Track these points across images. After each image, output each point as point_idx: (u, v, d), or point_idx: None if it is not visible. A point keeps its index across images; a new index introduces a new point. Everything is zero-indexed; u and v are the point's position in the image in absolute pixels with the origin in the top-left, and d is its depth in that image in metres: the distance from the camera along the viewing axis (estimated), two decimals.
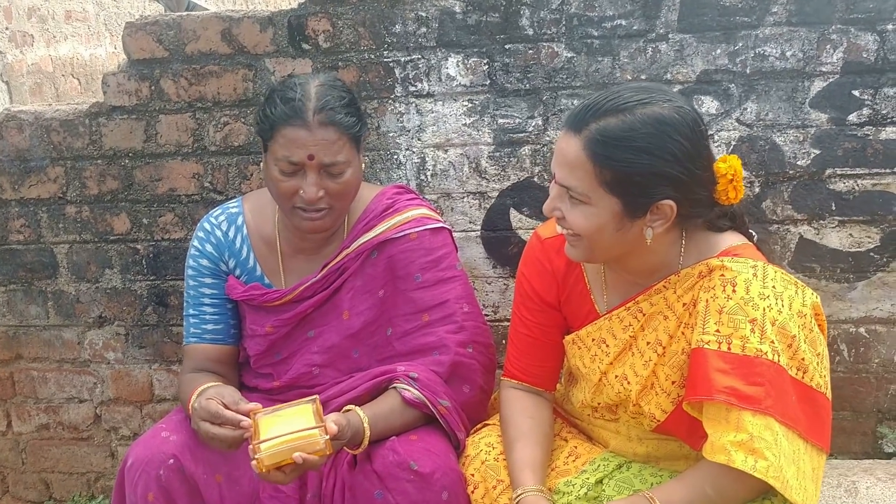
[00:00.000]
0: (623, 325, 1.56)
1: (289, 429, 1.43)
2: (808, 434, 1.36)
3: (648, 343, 1.52)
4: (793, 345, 1.36)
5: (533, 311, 1.71)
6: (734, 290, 1.38)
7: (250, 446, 1.44)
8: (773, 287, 1.38)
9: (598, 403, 1.62)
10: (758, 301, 1.36)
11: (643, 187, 1.37)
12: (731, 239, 1.50)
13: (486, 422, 1.80)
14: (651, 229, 1.41)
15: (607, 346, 1.58)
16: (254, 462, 1.42)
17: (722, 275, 1.40)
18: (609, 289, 1.62)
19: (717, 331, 1.37)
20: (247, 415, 1.51)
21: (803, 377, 1.37)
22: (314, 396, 1.54)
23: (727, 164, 1.42)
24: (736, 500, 1.39)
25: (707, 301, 1.40)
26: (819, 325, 1.42)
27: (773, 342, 1.34)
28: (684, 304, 1.47)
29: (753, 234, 1.58)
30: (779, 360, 1.34)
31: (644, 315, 1.53)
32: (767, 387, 1.32)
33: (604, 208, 1.39)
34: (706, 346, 1.37)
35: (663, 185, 1.36)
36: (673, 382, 1.48)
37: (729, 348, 1.35)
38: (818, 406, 1.39)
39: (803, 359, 1.37)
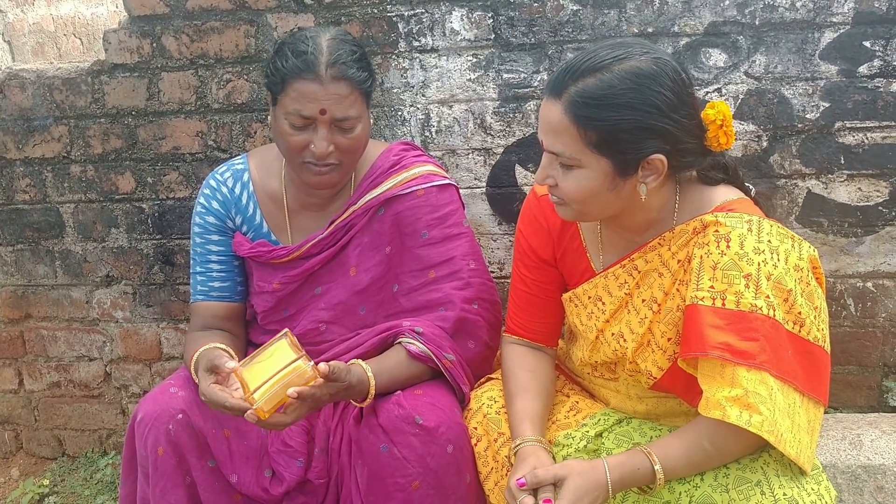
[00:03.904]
0: (619, 283, 1.55)
1: (273, 369, 1.45)
2: (805, 387, 1.37)
3: (644, 300, 1.52)
4: (789, 299, 1.36)
5: (531, 269, 1.71)
6: (728, 246, 1.37)
7: (244, 400, 1.45)
8: (769, 241, 1.37)
9: (596, 361, 1.63)
10: (752, 256, 1.35)
11: (630, 144, 1.35)
12: (727, 193, 1.49)
13: (490, 376, 1.82)
14: (644, 185, 1.40)
15: (603, 303, 1.58)
16: (252, 414, 1.43)
17: (716, 230, 1.40)
18: (605, 246, 1.61)
19: (712, 287, 1.36)
20: (230, 374, 1.52)
21: (800, 331, 1.37)
22: (284, 330, 1.54)
23: (715, 111, 1.40)
24: (734, 454, 1.40)
25: (701, 257, 1.39)
26: (817, 279, 1.42)
27: (768, 297, 1.34)
28: (679, 261, 1.46)
29: (750, 187, 1.57)
30: (774, 315, 1.34)
31: (639, 272, 1.52)
32: (762, 342, 1.32)
33: (595, 170, 1.38)
34: (700, 302, 1.37)
35: (650, 138, 1.35)
36: (669, 339, 1.48)
37: (723, 304, 1.35)
38: (816, 360, 1.39)
39: (800, 312, 1.37)
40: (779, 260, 1.36)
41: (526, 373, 1.67)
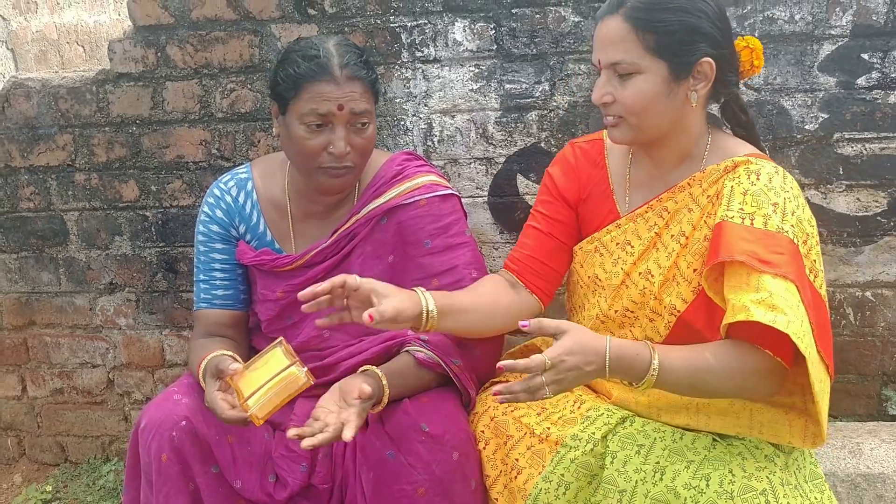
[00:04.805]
0: (648, 225, 1.61)
1: (267, 376, 1.47)
2: (818, 341, 1.38)
3: (672, 236, 1.57)
4: (808, 242, 1.43)
5: (545, 204, 1.77)
6: (758, 178, 1.46)
7: (239, 407, 1.48)
8: (792, 188, 1.47)
9: (616, 310, 1.64)
10: (779, 191, 1.44)
11: (684, 45, 1.47)
12: (752, 149, 1.59)
13: (494, 380, 1.83)
14: (695, 93, 1.50)
15: (632, 246, 1.63)
16: (249, 420, 1.46)
17: (747, 167, 1.49)
18: (633, 188, 1.68)
19: (741, 209, 1.43)
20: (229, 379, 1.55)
21: (814, 280, 1.43)
22: (279, 339, 1.57)
23: (745, 41, 1.57)
24: (733, 373, 1.39)
25: (732, 186, 1.47)
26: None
27: (792, 226, 1.41)
28: (708, 197, 1.53)
29: (765, 150, 1.68)
30: (798, 246, 1.40)
31: (669, 213, 1.59)
32: (789, 258, 1.37)
33: (653, 74, 1.48)
34: (730, 220, 1.42)
35: (701, 41, 1.47)
36: (694, 270, 1.52)
37: (752, 223, 1.41)
38: (825, 319, 1.43)
39: (815, 261, 1.44)
40: (799, 205, 1.45)
41: (476, 287, 1.71)
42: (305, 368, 1.48)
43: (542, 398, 1.36)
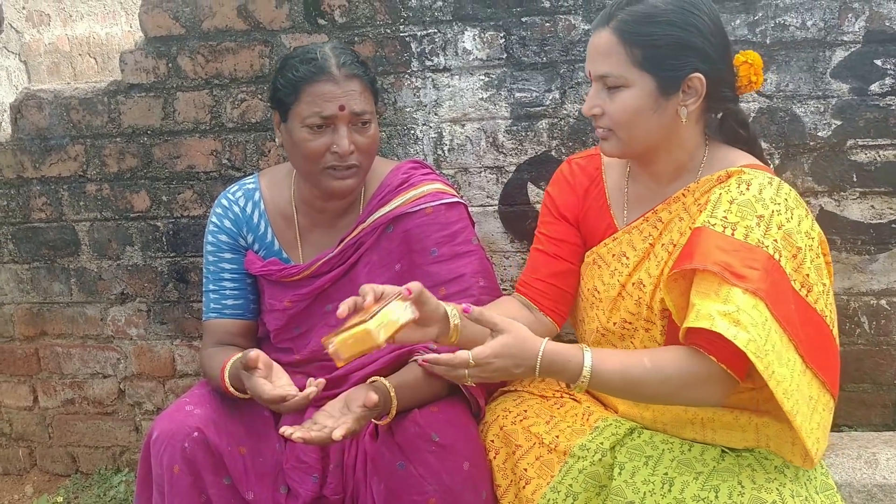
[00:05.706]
0: (643, 236, 1.60)
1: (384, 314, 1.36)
2: (809, 358, 1.37)
3: (663, 245, 1.56)
4: (798, 256, 1.39)
5: (547, 225, 1.77)
6: (748, 188, 1.43)
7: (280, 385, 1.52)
8: (786, 200, 1.43)
9: (615, 322, 1.63)
10: (768, 203, 1.41)
11: (672, 60, 1.44)
12: (752, 160, 1.56)
13: (503, 389, 1.82)
14: (685, 108, 1.47)
15: (627, 258, 1.62)
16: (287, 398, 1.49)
17: (739, 176, 1.47)
18: (630, 203, 1.66)
19: (725, 217, 1.41)
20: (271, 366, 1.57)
21: (807, 296, 1.40)
22: (400, 291, 1.41)
23: (744, 55, 1.53)
24: (670, 382, 1.37)
25: (721, 194, 1.45)
26: (826, 264, 1.46)
27: (775, 241, 1.38)
28: (699, 206, 1.51)
29: (769, 163, 1.65)
30: (779, 260, 1.37)
31: (663, 223, 1.57)
32: (762, 273, 1.34)
33: (640, 88, 1.46)
34: (711, 227, 1.40)
35: (691, 56, 1.44)
36: None
37: (733, 234, 1.38)
38: (823, 335, 1.40)
39: (808, 276, 1.40)
40: (792, 217, 1.41)
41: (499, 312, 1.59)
42: (383, 334, 1.34)
43: (464, 383, 1.41)
